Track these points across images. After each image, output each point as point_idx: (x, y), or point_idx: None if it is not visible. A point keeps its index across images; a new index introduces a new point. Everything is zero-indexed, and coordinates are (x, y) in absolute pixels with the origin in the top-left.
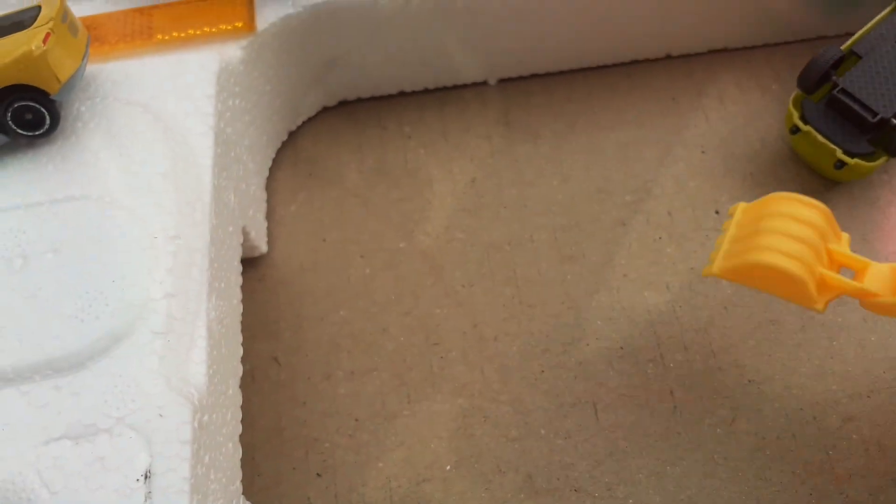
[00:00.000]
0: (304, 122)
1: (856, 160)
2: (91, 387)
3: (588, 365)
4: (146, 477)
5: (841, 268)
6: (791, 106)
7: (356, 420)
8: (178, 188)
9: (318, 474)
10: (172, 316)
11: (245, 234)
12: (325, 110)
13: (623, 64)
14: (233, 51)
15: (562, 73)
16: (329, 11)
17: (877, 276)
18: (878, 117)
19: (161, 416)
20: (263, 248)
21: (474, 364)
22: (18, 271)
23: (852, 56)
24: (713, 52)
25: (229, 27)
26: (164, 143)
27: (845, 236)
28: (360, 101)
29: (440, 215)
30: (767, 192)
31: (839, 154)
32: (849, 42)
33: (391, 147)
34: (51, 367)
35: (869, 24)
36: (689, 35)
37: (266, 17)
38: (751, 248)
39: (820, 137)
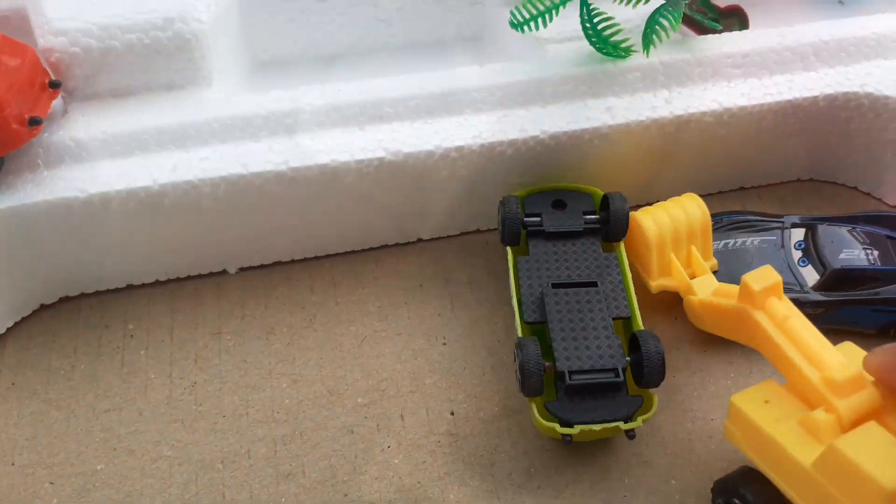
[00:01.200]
0: (15, 324)
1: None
2: None
3: None
4: None
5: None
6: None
7: None
8: None
9: None
10: None
11: None
12: (43, 308)
13: (371, 249)
14: None
15: (306, 259)
16: (23, 213)
17: (708, 285)
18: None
19: None
20: None
21: None
22: None
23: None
24: (465, 233)
25: None
26: None
27: (713, 261)
28: (83, 296)
29: (150, 429)
30: (504, 387)
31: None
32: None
33: (109, 349)
34: None
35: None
36: (439, 220)
37: None
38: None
39: None
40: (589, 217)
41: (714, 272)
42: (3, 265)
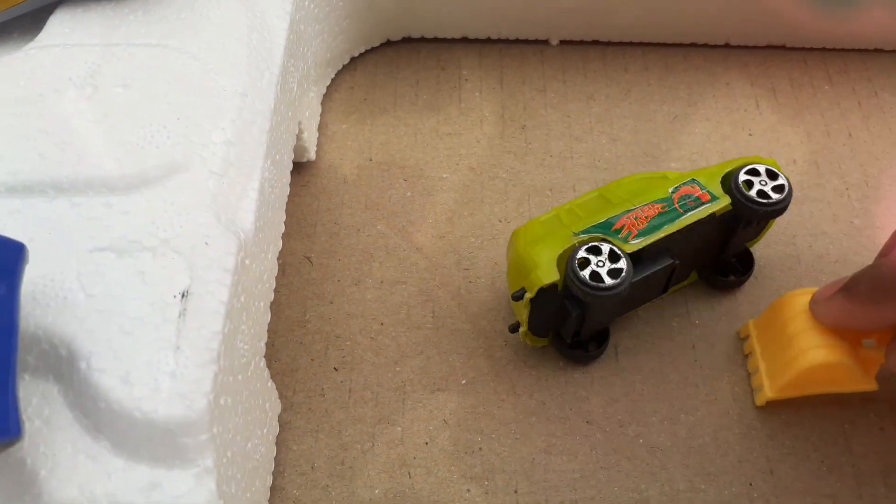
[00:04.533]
0: (366, 51)
1: None
2: (142, 209)
3: None
4: (183, 295)
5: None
6: None
7: (381, 324)
8: (250, 54)
9: (335, 368)
10: (229, 162)
11: (300, 130)
12: (389, 43)
13: (682, 45)
14: None
15: (621, 44)
16: None
17: None
18: None
19: (207, 244)
20: (312, 155)
21: (501, 293)
22: (88, 98)
23: None
24: (771, 47)
25: None
26: (244, 15)
27: None
28: (423, 39)
29: (487, 153)
30: (806, 179)
31: None
32: None
33: (447, 86)
34: (105, 185)
35: None
36: (750, 27)
37: None
38: (794, 358)
39: None
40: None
41: None
42: None
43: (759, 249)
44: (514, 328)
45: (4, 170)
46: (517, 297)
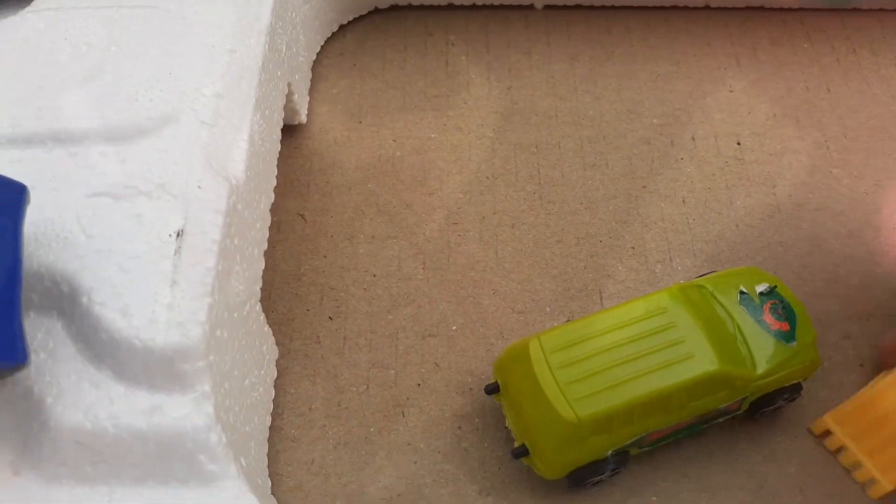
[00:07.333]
0: (354, 19)
1: None
2: (136, 157)
3: (598, 258)
4: (178, 235)
5: None
6: None
7: (373, 276)
8: (238, 13)
9: (330, 318)
10: (220, 114)
11: (290, 91)
12: (377, 11)
13: (663, 8)
14: None
15: (604, 7)
16: None
17: None
18: None
19: (200, 187)
20: (303, 118)
21: (489, 245)
22: (83, 56)
23: None
24: (750, 8)
25: None
26: None
27: None
28: (410, 7)
29: (474, 114)
30: (786, 132)
31: None
32: None
33: (434, 51)
34: (101, 135)
35: None
36: None
37: None
38: None
39: None
40: None
41: None
42: None
43: (738, 199)
44: (518, 454)
45: (5, 123)
46: (517, 454)
